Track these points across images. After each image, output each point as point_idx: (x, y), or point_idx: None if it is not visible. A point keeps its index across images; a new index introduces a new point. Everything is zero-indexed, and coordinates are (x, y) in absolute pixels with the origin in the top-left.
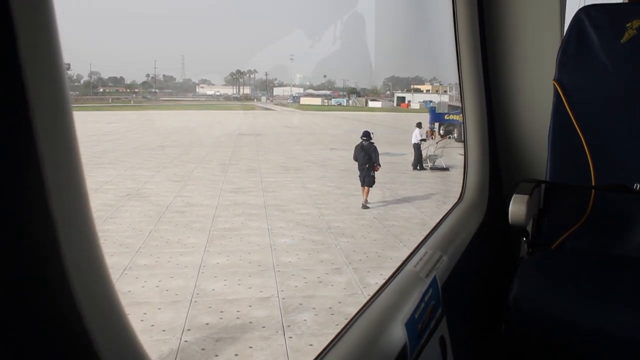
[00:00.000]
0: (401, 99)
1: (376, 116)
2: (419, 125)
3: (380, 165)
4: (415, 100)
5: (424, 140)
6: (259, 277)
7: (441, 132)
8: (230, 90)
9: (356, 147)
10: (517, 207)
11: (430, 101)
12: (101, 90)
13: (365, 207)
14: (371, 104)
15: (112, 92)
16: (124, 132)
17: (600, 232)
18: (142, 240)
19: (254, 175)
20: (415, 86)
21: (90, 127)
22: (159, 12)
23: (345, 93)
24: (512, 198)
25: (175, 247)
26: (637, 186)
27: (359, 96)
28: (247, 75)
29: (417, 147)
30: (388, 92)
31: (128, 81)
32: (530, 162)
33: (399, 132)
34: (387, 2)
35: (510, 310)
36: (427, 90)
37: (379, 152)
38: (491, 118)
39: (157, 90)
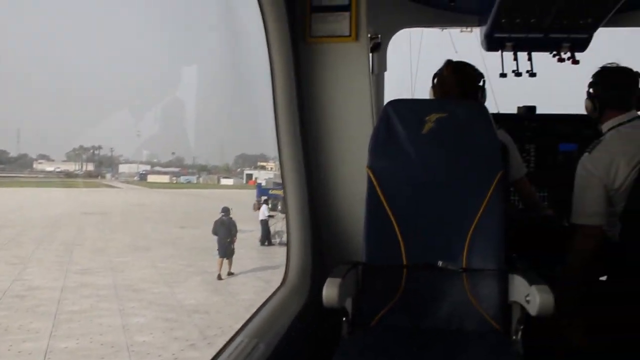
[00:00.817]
0: (249, 176)
1: (225, 193)
2: (266, 202)
3: (237, 238)
4: (261, 177)
5: (271, 216)
6: (113, 359)
7: (269, 204)
8: (72, 167)
9: (216, 222)
10: (329, 290)
11: (256, 178)
12: None
13: (230, 274)
14: (223, 181)
15: None
16: None
17: (412, 308)
18: None
19: (102, 255)
20: (261, 163)
21: None
22: None
23: (195, 170)
24: (326, 281)
25: (17, 333)
26: (440, 263)
27: (210, 173)
28: (91, 151)
29: (264, 223)
30: (239, 169)
31: None
32: (352, 244)
33: (248, 209)
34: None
35: None
36: (271, 168)
37: None
38: (312, 203)
39: None
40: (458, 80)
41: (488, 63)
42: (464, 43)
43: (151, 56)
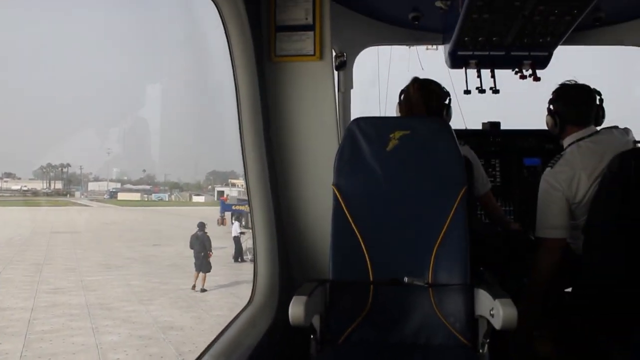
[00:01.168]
0: (220, 193)
1: (197, 210)
2: (238, 218)
3: (212, 252)
4: (231, 194)
5: (243, 233)
6: None
7: (232, 220)
8: (39, 185)
9: (192, 237)
10: (295, 308)
11: (227, 195)
12: None
13: (203, 290)
14: (195, 198)
15: None
16: None
17: (380, 323)
18: None
19: (73, 274)
20: (232, 180)
21: None
22: None
23: (167, 187)
24: (292, 299)
25: None
26: (406, 279)
27: (182, 190)
28: (60, 169)
29: (237, 240)
30: (210, 186)
31: None
32: (319, 262)
33: (227, 227)
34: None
35: None
36: (241, 185)
37: None
38: (279, 221)
39: None
40: (424, 98)
41: (455, 80)
42: (431, 60)
43: (120, 75)
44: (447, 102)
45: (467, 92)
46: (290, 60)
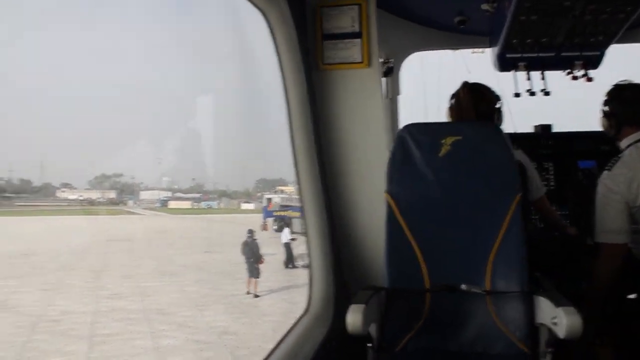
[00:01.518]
0: (269, 200)
1: (246, 217)
2: (288, 225)
3: (264, 259)
4: (276, 200)
5: (294, 239)
6: None
7: (275, 226)
8: (94, 194)
9: (242, 243)
10: (353, 317)
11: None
12: None
13: (256, 296)
14: (244, 205)
15: None
16: None
17: (437, 331)
18: (15, 352)
19: (130, 280)
20: (280, 187)
21: None
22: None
23: (215, 196)
24: (350, 308)
25: (54, 356)
26: (463, 286)
27: (231, 198)
28: (113, 178)
29: (287, 246)
30: (259, 193)
31: None
32: (373, 269)
33: (275, 234)
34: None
35: None
36: (290, 192)
37: None
38: (332, 230)
39: (12, 195)
40: (474, 102)
41: (504, 83)
42: (478, 63)
43: (172, 86)
44: (497, 105)
45: (517, 95)
46: (338, 68)
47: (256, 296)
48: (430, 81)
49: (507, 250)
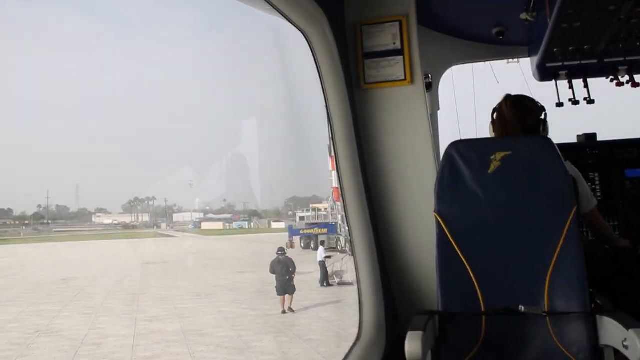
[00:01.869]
0: (302, 219)
1: (276, 237)
2: (322, 243)
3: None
4: (305, 218)
5: (329, 257)
6: None
7: (302, 244)
8: (128, 218)
9: (273, 262)
10: (412, 345)
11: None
12: None
13: (291, 310)
14: (274, 224)
15: None
16: (19, 267)
17: (495, 355)
18: None
19: (167, 302)
20: (314, 205)
21: None
22: (48, 140)
23: (246, 216)
24: (407, 335)
25: None
26: (522, 308)
27: (261, 218)
28: (146, 202)
29: (322, 265)
30: (290, 212)
31: (17, 213)
32: (424, 293)
33: (310, 252)
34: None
35: None
36: (325, 209)
37: None
38: (380, 251)
39: (49, 222)
40: (518, 115)
41: (536, 92)
42: (507, 72)
43: (208, 110)
44: (542, 117)
45: (560, 104)
46: (380, 87)
47: (291, 310)
48: (460, 95)
49: (565, 267)
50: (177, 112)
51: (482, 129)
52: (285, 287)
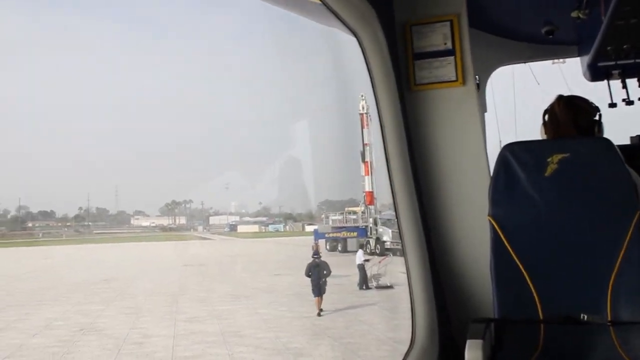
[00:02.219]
0: (334, 222)
1: (311, 240)
2: (361, 246)
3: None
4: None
5: (367, 260)
6: None
7: (327, 247)
8: (165, 221)
9: (309, 265)
10: (472, 354)
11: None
12: (30, 224)
13: (320, 310)
14: (308, 228)
15: (42, 227)
16: (62, 267)
17: None
18: None
19: (205, 304)
20: (349, 208)
21: (25, 263)
22: (88, 143)
23: (281, 219)
24: (467, 344)
25: None
26: (584, 317)
27: (295, 221)
28: (183, 205)
29: (361, 268)
30: (323, 215)
31: (59, 215)
32: (477, 298)
33: (337, 255)
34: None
35: None
36: (361, 211)
37: None
38: (432, 256)
39: (90, 224)
40: (573, 116)
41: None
42: (547, 73)
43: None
44: (597, 117)
45: (613, 105)
46: (431, 88)
47: (320, 310)
48: (500, 95)
49: (630, 274)
50: (216, 117)
51: (522, 132)
52: (320, 289)
